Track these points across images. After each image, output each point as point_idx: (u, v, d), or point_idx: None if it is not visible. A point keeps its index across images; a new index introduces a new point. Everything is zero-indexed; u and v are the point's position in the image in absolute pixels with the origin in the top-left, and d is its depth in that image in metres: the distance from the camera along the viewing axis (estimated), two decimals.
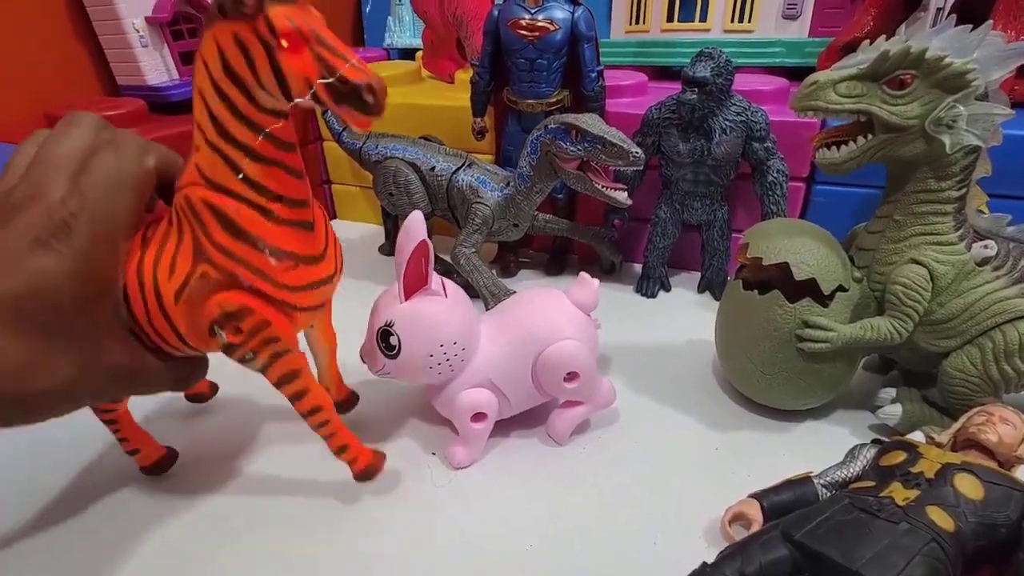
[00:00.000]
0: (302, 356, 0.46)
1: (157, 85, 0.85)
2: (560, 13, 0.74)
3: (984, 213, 0.55)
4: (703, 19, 1.00)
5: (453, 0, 0.86)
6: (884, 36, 0.46)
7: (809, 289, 0.53)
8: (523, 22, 0.74)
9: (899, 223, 0.50)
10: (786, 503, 0.47)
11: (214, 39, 0.36)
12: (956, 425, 0.48)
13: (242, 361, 0.45)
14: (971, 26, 0.44)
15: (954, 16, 0.46)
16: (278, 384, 0.46)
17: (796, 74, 0.97)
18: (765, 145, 0.73)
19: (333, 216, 1.15)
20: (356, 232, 1.08)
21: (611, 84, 0.88)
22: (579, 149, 0.67)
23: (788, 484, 0.48)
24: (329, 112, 0.92)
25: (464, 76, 0.97)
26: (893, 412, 0.55)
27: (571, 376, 0.53)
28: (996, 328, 0.50)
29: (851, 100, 0.46)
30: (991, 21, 0.43)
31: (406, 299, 0.50)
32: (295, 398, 0.47)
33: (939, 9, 0.94)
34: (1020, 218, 0.58)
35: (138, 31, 0.83)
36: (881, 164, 0.50)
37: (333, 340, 0.56)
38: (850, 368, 0.56)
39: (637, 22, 1.06)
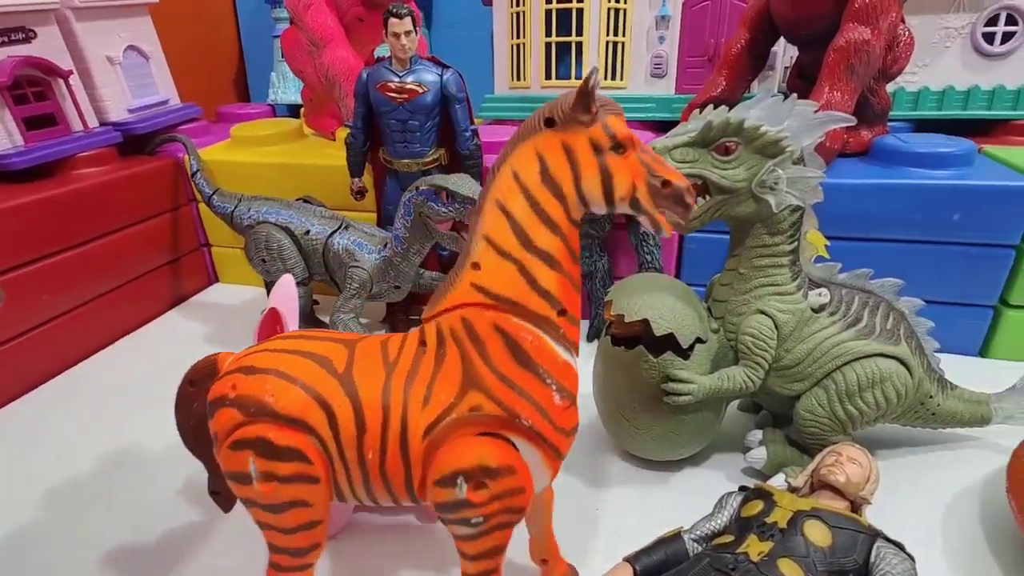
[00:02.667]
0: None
1: None
2: (429, 76, 0.75)
3: (826, 257, 0.59)
4: (579, 76, 1.04)
5: (323, 62, 0.85)
6: (711, 106, 0.50)
7: (670, 343, 0.54)
8: (392, 85, 0.74)
9: (743, 276, 0.53)
10: (658, 564, 0.46)
11: (534, 150, 0.36)
12: (811, 466, 0.50)
13: (455, 522, 0.38)
14: (783, 96, 0.48)
15: (771, 89, 0.50)
16: (476, 556, 0.39)
17: (667, 128, 1.03)
18: None
19: (215, 280, 1.08)
20: (239, 296, 1.03)
21: (491, 140, 0.89)
22: (450, 210, 0.67)
23: (660, 543, 0.47)
24: (199, 174, 0.90)
25: (344, 134, 0.96)
26: (759, 456, 0.57)
27: None
28: (837, 370, 0.53)
29: (686, 165, 0.49)
30: (795, 95, 0.47)
31: None
32: (481, 574, 0.40)
33: (786, 68, 1.04)
34: (859, 257, 0.63)
35: None
36: (724, 221, 0.53)
37: (551, 496, 0.47)
38: (716, 417, 0.58)
39: (518, 79, 1.09)
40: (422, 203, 0.68)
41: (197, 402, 0.41)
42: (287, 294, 0.53)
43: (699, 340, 0.54)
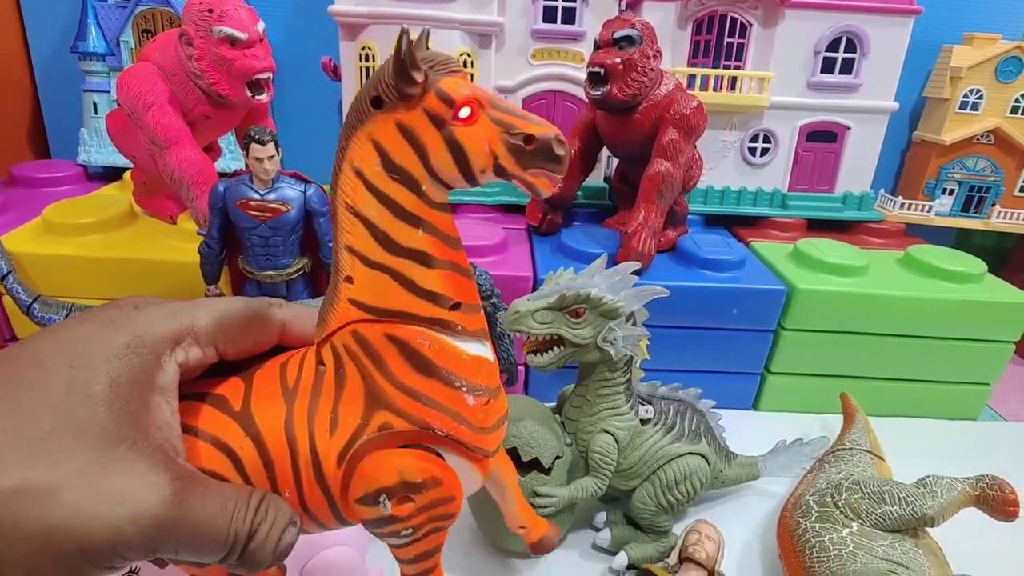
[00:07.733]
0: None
1: None
2: (291, 192, 0.76)
3: (647, 357, 0.73)
4: None
5: (169, 163, 0.81)
6: (562, 269, 0.61)
7: (535, 464, 0.64)
8: (252, 203, 0.74)
9: (591, 402, 0.65)
10: None
11: (369, 139, 0.32)
12: (679, 544, 0.63)
13: (384, 535, 0.37)
14: (614, 269, 0.60)
15: (604, 257, 0.62)
16: (412, 560, 0.38)
17: (514, 211, 1.13)
18: (492, 300, 0.85)
19: None
20: None
21: None
22: None
23: None
24: (12, 277, 0.79)
25: (188, 221, 0.91)
26: (605, 537, 0.70)
27: None
28: (660, 468, 0.67)
29: (546, 326, 0.59)
30: (624, 267, 0.60)
31: None
32: (420, 574, 0.40)
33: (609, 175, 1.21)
34: (666, 340, 0.78)
35: None
36: (574, 362, 0.64)
37: (508, 467, 0.49)
38: (572, 511, 0.69)
39: None
40: None
41: None
42: None
43: (557, 457, 0.65)
